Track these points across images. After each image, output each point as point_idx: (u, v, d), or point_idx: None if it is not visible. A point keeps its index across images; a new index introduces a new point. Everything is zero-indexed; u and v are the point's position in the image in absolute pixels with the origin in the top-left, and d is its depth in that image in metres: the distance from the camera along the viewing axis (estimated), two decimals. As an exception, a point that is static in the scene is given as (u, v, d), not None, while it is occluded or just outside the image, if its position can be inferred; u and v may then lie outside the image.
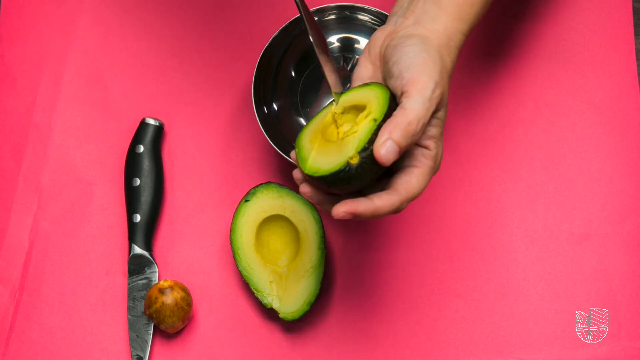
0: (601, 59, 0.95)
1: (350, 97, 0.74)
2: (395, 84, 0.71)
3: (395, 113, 0.69)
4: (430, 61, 0.70)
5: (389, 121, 0.68)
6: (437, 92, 0.70)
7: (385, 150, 0.67)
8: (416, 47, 0.71)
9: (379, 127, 0.68)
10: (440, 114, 0.72)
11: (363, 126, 0.70)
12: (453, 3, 0.74)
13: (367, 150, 0.68)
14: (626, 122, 0.94)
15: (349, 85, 0.92)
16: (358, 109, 0.73)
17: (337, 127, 0.74)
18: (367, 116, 0.70)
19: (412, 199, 0.71)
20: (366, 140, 0.68)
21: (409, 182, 0.70)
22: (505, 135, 0.94)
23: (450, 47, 0.74)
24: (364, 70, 0.76)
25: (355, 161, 0.68)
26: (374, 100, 0.72)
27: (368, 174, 0.69)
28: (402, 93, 0.70)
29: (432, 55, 0.71)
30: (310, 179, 0.70)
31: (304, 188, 0.71)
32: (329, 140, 0.72)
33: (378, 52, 0.75)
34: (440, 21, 0.74)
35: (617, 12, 0.96)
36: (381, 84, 0.73)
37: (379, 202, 0.69)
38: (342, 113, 0.74)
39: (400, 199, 0.70)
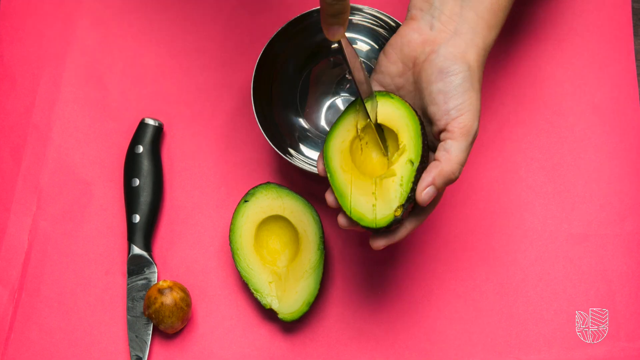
0: (601, 59, 0.95)
1: (377, 111, 0.76)
2: (437, 114, 0.73)
3: (440, 157, 0.72)
4: (475, 99, 0.72)
5: (433, 166, 0.72)
6: (478, 130, 0.73)
7: (425, 195, 0.72)
8: (463, 79, 0.72)
9: (417, 171, 0.72)
10: None
11: (400, 168, 0.73)
12: (489, 10, 0.74)
13: (408, 200, 0.72)
14: (626, 122, 0.94)
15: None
16: (385, 129, 0.76)
17: (360, 146, 0.77)
18: (401, 154, 0.73)
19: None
20: (408, 191, 0.72)
21: (435, 199, 0.76)
22: (505, 135, 0.94)
23: (484, 61, 0.75)
24: (394, 67, 0.76)
25: (399, 213, 0.72)
26: (405, 131, 0.74)
27: (406, 217, 0.74)
28: (445, 130, 0.72)
29: (476, 90, 0.73)
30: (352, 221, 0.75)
31: (342, 221, 0.75)
32: (363, 171, 0.76)
33: (414, 56, 0.75)
34: (479, 32, 0.74)
35: (616, 13, 0.96)
36: (408, 104, 0.74)
37: (410, 226, 0.75)
38: (365, 127, 0.77)
39: (427, 216, 0.76)
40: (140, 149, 0.92)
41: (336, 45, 0.94)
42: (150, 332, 0.89)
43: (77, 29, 0.98)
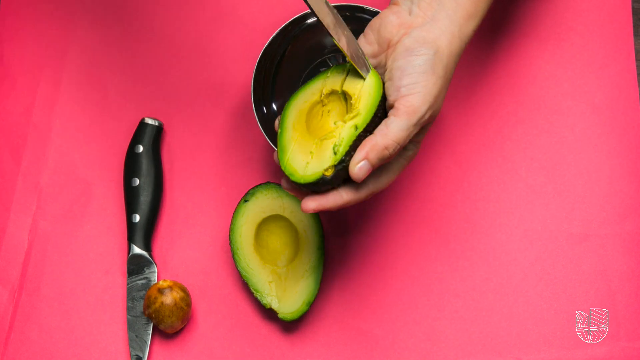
0: (601, 59, 0.95)
1: (342, 80, 0.76)
2: (390, 90, 0.73)
3: (376, 131, 0.71)
4: (431, 83, 0.72)
5: (368, 139, 0.71)
6: (427, 115, 0.72)
7: (359, 170, 0.71)
8: (424, 61, 0.72)
9: (358, 138, 0.71)
10: (428, 125, 0.75)
11: (344, 131, 0.72)
12: None
13: (342, 163, 0.71)
14: (626, 122, 0.94)
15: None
16: (349, 96, 0.75)
17: (322, 112, 0.76)
18: (352, 118, 0.73)
19: (378, 192, 0.75)
20: (343, 153, 0.71)
21: (379, 178, 0.74)
22: (505, 135, 0.94)
23: (459, 52, 0.75)
24: (369, 47, 0.76)
25: (329, 173, 0.71)
26: (365, 99, 0.73)
27: (339, 181, 0.72)
28: (393, 106, 0.72)
29: (436, 72, 0.72)
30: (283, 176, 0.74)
31: (283, 182, 0.75)
32: (311, 131, 0.75)
33: (388, 38, 0.75)
34: (457, 21, 0.74)
35: (616, 13, 0.96)
36: (379, 76, 0.74)
37: (347, 197, 0.73)
38: (330, 94, 0.76)
39: (367, 193, 0.74)
40: (140, 148, 0.92)
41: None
42: (150, 331, 0.89)
43: (77, 29, 0.98)
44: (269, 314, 0.90)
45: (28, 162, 0.95)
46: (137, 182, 0.91)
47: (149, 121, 0.93)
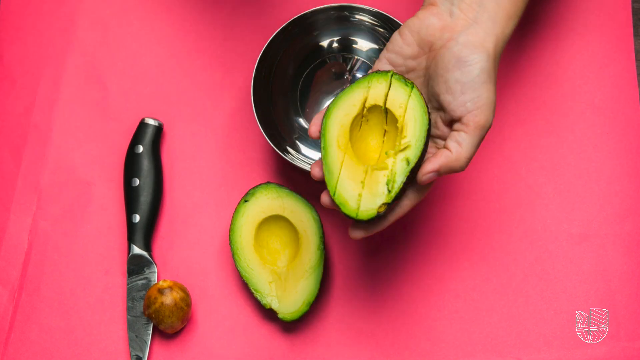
0: (601, 59, 0.95)
1: (384, 94, 0.74)
2: (453, 105, 0.72)
3: (451, 148, 0.72)
4: (492, 92, 0.72)
5: (442, 154, 0.72)
6: (491, 124, 0.73)
7: (427, 179, 0.72)
8: (481, 70, 0.71)
9: (410, 172, 0.71)
10: None
11: (397, 166, 0.72)
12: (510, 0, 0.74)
13: (395, 199, 0.71)
14: (626, 122, 0.94)
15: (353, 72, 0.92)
16: (390, 116, 0.74)
17: (360, 124, 0.75)
18: (402, 150, 0.72)
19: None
20: (397, 191, 0.71)
21: (418, 193, 0.75)
22: (505, 135, 0.94)
23: (501, 52, 0.74)
24: (408, 48, 0.75)
25: (382, 210, 0.71)
26: (412, 127, 0.72)
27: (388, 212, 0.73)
28: (460, 121, 0.72)
29: (493, 82, 0.72)
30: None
31: (325, 200, 0.74)
32: (355, 149, 0.74)
33: (430, 41, 0.74)
34: (499, 22, 0.73)
35: (616, 13, 0.96)
36: (423, 99, 0.73)
37: (392, 218, 0.74)
38: (372, 108, 0.75)
39: (405, 211, 0.75)
40: (140, 148, 0.92)
41: (337, 45, 0.94)
42: (150, 332, 0.89)
43: (77, 28, 0.98)
44: (269, 314, 0.90)
45: (28, 162, 0.95)
46: (137, 182, 0.91)
47: (149, 121, 0.93)
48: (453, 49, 0.72)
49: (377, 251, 0.91)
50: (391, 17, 0.90)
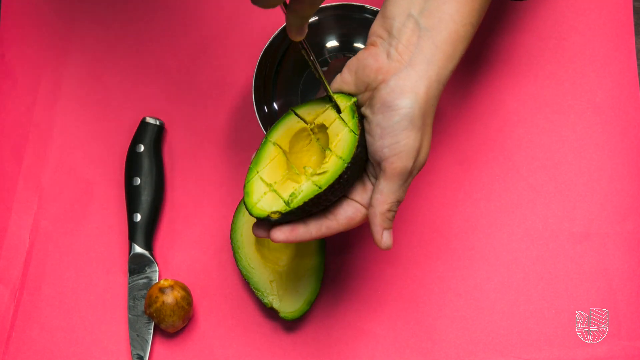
0: (601, 58, 0.95)
1: (330, 117, 0.75)
2: (372, 147, 0.73)
3: (374, 201, 0.73)
4: (412, 139, 0.72)
5: (372, 214, 0.73)
6: (415, 169, 0.73)
7: (385, 242, 0.74)
8: (403, 117, 0.71)
9: (316, 197, 0.72)
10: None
11: (306, 185, 0.73)
12: (447, 40, 0.73)
13: (291, 213, 0.72)
14: (626, 122, 0.94)
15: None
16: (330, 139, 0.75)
17: (310, 139, 0.77)
18: (320, 174, 0.73)
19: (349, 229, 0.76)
20: (295, 206, 0.72)
21: (353, 216, 0.75)
22: (506, 134, 0.94)
23: (438, 95, 0.74)
24: (346, 87, 0.76)
25: (275, 217, 0.72)
26: (335, 157, 0.73)
27: (284, 222, 0.74)
28: (381, 167, 0.72)
29: (416, 126, 0.72)
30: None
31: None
32: (292, 152, 0.76)
33: (366, 82, 0.74)
34: (435, 63, 0.72)
35: (617, 12, 0.96)
36: (359, 132, 0.73)
37: (315, 231, 0.74)
38: (321, 126, 0.76)
39: (338, 229, 0.74)
40: (142, 148, 0.92)
41: (337, 44, 0.95)
42: (152, 331, 0.89)
43: (77, 28, 0.98)
44: (270, 313, 0.91)
45: (29, 162, 0.95)
46: (138, 181, 0.91)
47: (150, 120, 0.93)
48: (382, 91, 0.72)
49: (378, 250, 0.92)
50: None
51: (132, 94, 0.97)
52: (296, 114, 0.77)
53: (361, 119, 0.75)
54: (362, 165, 0.74)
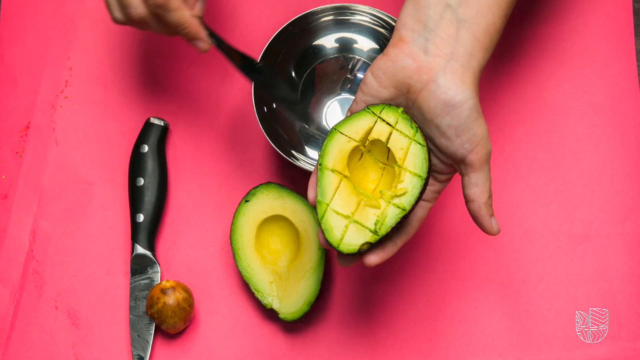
0: (601, 59, 0.96)
1: (389, 131, 0.72)
2: (450, 148, 0.71)
3: (473, 195, 0.72)
4: (483, 125, 0.71)
5: (480, 204, 0.72)
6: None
7: (496, 225, 0.74)
8: (470, 110, 0.70)
9: (401, 219, 0.70)
10: None
11: (389, 210, 0.70)
12: (485, 31, 0.71)
13: (380, 241, 0.71)
14: (626, 122, 0.94)
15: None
16: (392, 155, 0.73)
17: (361, 154, 0.74)
18: (399, 196, 0.71)
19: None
20: (384, 234, 0.70)
21: (423, 216, 0.76)
22: (506, 135, 0.94)
23: (478, 82, 0.73)
24: (385, 92, 0.72)
25: (365, 248, 0.70)
26: (411, 173, 0.71)
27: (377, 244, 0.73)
28: (464, 163, 0.72)
29: (480, 112, 0.71)
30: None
31: (321, 236, 0.74)
32: (352, 175, 0.73)
33: (408, 83, 0.71)
34: (475, 55, 0.71)
35: (617, 13, 0.97)
36: (424, 141, 0.71)
37: (400, 242, 0.74)
38: (375, 141, 0.73)
39: (414, 232, 0.76)
40: (146, 148, 0.92)
41: (337, 45, 0.95)
42: (153, 331, 0.89)
43: (78, 28, 0.98)
44: (270, 314, 0.91)
45: (29, 163, 0.95)
46: (141, 182, 0.91)
47: (155, 121, 0.93)
48: (436, 92, 0.70)
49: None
50: (391, 17, 0.90)
51: (133, 94, 0.96)
52: (343, 134, 0.73)
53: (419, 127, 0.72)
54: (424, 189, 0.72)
